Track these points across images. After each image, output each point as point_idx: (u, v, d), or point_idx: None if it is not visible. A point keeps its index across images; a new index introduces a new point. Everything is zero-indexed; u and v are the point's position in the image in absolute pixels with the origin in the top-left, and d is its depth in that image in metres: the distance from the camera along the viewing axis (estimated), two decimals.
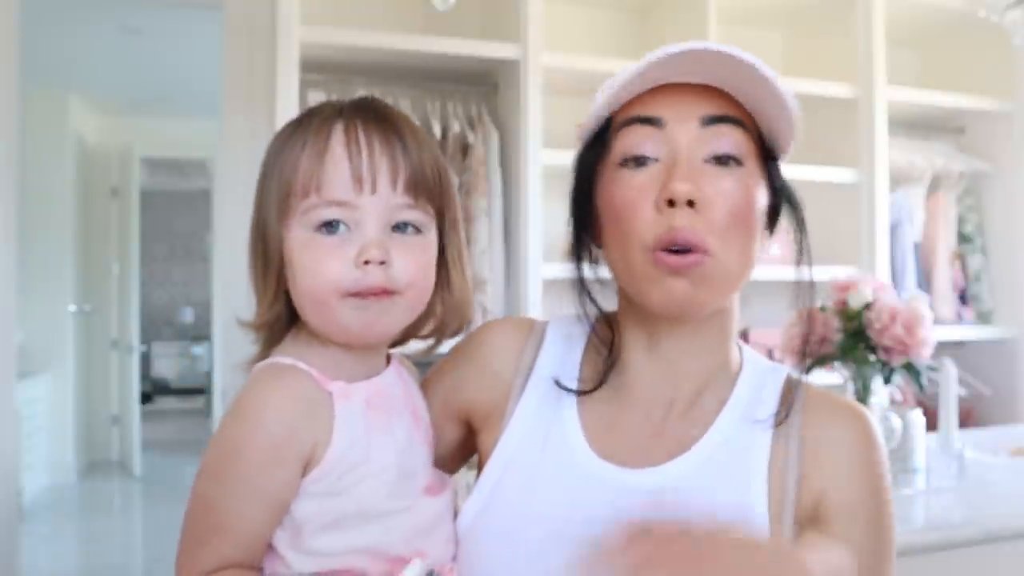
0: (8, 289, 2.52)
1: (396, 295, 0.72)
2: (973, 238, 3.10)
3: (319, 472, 0.70)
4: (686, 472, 0.76)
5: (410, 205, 0.73)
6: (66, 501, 5.14)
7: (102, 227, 5.82)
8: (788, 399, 0.79)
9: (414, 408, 0.80)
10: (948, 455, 1.96)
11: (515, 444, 0.81)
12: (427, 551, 0.75)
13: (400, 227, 0.73)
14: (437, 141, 2.48)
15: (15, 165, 2.54)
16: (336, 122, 0.73)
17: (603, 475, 0.77)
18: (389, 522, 0.73)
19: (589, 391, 0.81)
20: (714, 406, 0.80)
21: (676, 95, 0.74)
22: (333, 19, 2.42)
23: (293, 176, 0.72)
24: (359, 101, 0.76)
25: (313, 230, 0.71)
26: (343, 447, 0.71)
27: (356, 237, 0.71)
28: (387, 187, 0.71)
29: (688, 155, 0.73)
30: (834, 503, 0.76)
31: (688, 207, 0.71)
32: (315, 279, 0.71)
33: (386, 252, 0.71)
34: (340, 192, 0.71)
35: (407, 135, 0.74)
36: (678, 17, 2.66)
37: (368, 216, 0.71)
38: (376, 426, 0.74)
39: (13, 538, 2.60)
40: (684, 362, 0.79)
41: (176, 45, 4.45)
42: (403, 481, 0.75)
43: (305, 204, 0.71)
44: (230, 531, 0.69)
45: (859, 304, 1.86)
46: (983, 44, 3.01)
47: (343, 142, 0.71)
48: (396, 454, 0.75)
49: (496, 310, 2.44)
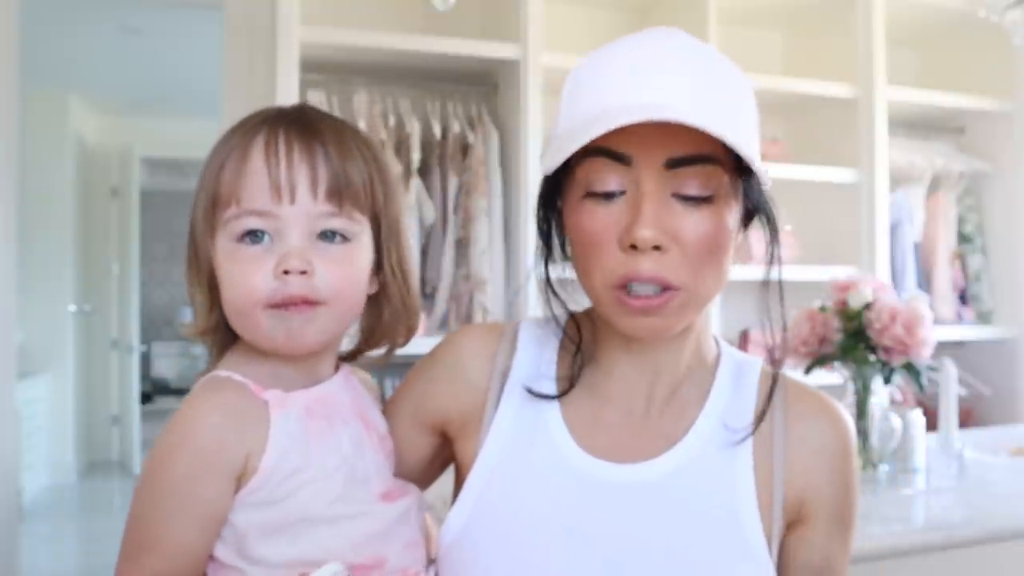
0: (8, 289, 2.52)
1: (320, 305, 0.71)
2: (973, 238, 3.10)
3: (257, 481, 0.69)
4: (676, 466, 0.77)
5: (333, 213, 0.71)
6: (66, 501, 5.13)
7: (102, 227, 5.81)
8: (770, 395, 0.79)
9: (364, 416, 0.79)
10: (948, 455, 1.96)
11: (498, 451, 0.79)
12: (386, 557, 0.74)
13: (326, 236, 0.72)
14: (437, 141, 2.48)
15: (15, 165, 2.54)
16: (259, 131, 0.72)
17: (594, 472, 0.77)
18: (338, 528, 0.72)
19: (565, 392, 0.80)
20: (695, 398, 0.80)
21: (645, 130, 0.70)
22: (333, 19, 2.42)
23: (217, 186, 0.71)
24: (289, 109, 0.75)
25: (236, 240, 0.71)
26: (278, 454, 0.70)
27: (278, 247, 0.70)
28: (307, 195, 0.70)
29: (654, 192, 0.70)
30: (815, 502, 0.78)
31: (654, 250, 0.70)
32: (237, 290, 0.71)
33: (307, 262, 0.70)
34: (259, 202, 0.70)
35: (330, 142, 0.72)
36: (678, 17, 2.66)
37: (289, 226, 0.70)
38: (317, 432, 0.73)
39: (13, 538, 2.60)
40: (661, 356, 0.79)
41: (176, 45, 4.45)
42: (352, 487, 0.74)
43: (227, 214, 0.71)
44: (159, 546, 0.69)
45: (859, 304, 1.86)
46: (983, 44, 3.01)
47: (263, 151, 0.71)
48: (340, 460, 0.73)
49: (496, 310, 2.44)
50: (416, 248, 2.44)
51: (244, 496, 0.70)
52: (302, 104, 0.77)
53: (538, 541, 0.75)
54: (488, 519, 0.77)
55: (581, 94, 0.74)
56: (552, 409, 0.80)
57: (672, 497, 0.76)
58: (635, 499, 0.76)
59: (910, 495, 1.76)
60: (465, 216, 2.46)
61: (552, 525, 0.75)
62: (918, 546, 1.52)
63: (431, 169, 2.50)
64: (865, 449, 1.87)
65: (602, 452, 0.78)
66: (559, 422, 0.79)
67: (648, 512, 0.75)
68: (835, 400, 0.84)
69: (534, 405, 0.80)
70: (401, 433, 0.84)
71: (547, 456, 0.78)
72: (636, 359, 0.79)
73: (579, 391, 0.81)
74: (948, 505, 1.72)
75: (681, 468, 0.77)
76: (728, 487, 0.76)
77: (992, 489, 1.83)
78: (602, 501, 0.76)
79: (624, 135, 0.70)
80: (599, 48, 0.77)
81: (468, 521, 0.78)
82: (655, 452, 0.78)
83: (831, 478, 0.79)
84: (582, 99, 0.73)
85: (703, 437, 0.78)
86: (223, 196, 0.71)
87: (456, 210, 2.48)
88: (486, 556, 0.76)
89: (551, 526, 0.75)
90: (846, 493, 0.80)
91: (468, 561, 0.77)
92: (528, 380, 0.81)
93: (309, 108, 0.76)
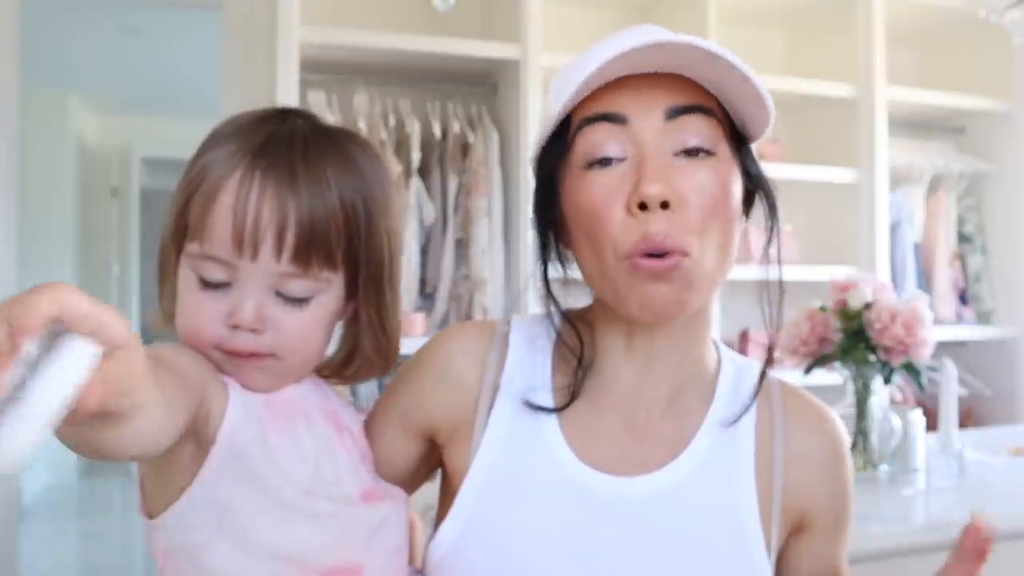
0: (8, 289, 2.52)
1: (270, 358, 0.69)
2: (973, 238, 3.10)
3: (216, 452, 0.66)
4: (679, 478, 0.75)
5: (296, 275, 0.67)
6: (66, 501, 5.14)
7: (102, 227, 5.81)
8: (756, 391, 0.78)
9: (335, 417, 0.76)
10: (948, 455, 1.96)
11: (492, 461, 0.75)
12: (362, 565, 0.71)
13: (284, 296, 0.68)
14: (437, 141, 2.48)
15: (15, 165, 2.54)
16: (237, 167, 0.67)
17: (594, 485, 0.74)
18: (315, 524, 0.69)
19: (566, 406, 0.76)
20: (697, 406, 0.78)
21: (637, 86, 0.69)
22: (333, 19, 2.42)
23: (185, 211, 0.68)
24: (280, 137, 0.69)
25: (196, 274, 0.68)
26: (232, 428, 0.66)
27: (234, 294, 0.67)
28: (269, 255, 0.66)
29: (656, 151, 0.68)
30: (816, 511, 0.78)
31: (662, 209, 0.67)
32: (188, 327, 0.69)
33: (260, 320, 0.67)
34: (220, 250, 0.66)
35: (310, 191, 0.67)
36: (678, 17, 2.66)
37: (248, 279, 0.67)
38: (275, 425, 0.70)
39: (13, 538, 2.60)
40: (662, 362, 0.76)
41: (176, 45, 4.45)
42: (321, 486, 0.70)
43: (189, 248, 0.68)
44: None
45: (859, 304, 1.86)
46: (983, 44, 3.01)
47: (233, 194, 0.66)
48: (301, 457, 0.70)
49: (496, 310, 2.44)
50: (416, 248, 2.45)
51: (216, 466, 0.66)
52: (298, 128, 0.71)
53: (537, 557, 0.72)
54: (484, 534, 0.74)
55: (566, 78, 0.72)
56: (549, 418, 0.76)
57: (676, 510, 0.74)
58: (638, 513, 0.73)
59: (910, 495, 1.76)
60: (465, 216, 2.47)
61: (552, 541, 0.73)
62: (918, 546, 1.51)
63: (431, 169, 2.50)
64: (865, 449, 1.87)
65: (602, 464, 0.75)
66: (556, 433, 0.76)
67: (651, 525, 0.73)
68: (829, 407, 0.83)
69: (529, 415, 0.77)
70: (388, 439, 0.81)
71: (545, 469, 0.75)
72: (638, 364, 0.76)
73: (577, 399, 0.77)
74: (948, 505, 1.72)
75: (684, 480, 0.75)
76: (730, 497, 0.75)
77: (992, 489, 1.83)
78: (604, 516, 0.73)
79: (617, 93, 0.69)
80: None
81: (462, 535, 0.74)
82: (657, 463, 0.75)
83: (829, 488, 0.79)
84: (568, 77, 0.71)
85: (705, 446, 0.76)
86: (189, 227, 0.68)
87: (456, 210, 2.48)
88: (481, 572, 0.73)
89: (551, 542, 0.73)
90: (843, 500, 0.80)
91: (465, 574, 0.74)
92: (524, 389, 0.77)
93: (305, 135, 0.70)
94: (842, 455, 0.80)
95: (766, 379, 0.80)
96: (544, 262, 0.78)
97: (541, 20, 2.43)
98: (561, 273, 0.78)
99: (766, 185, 0.76)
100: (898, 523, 1.59)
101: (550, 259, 0.78)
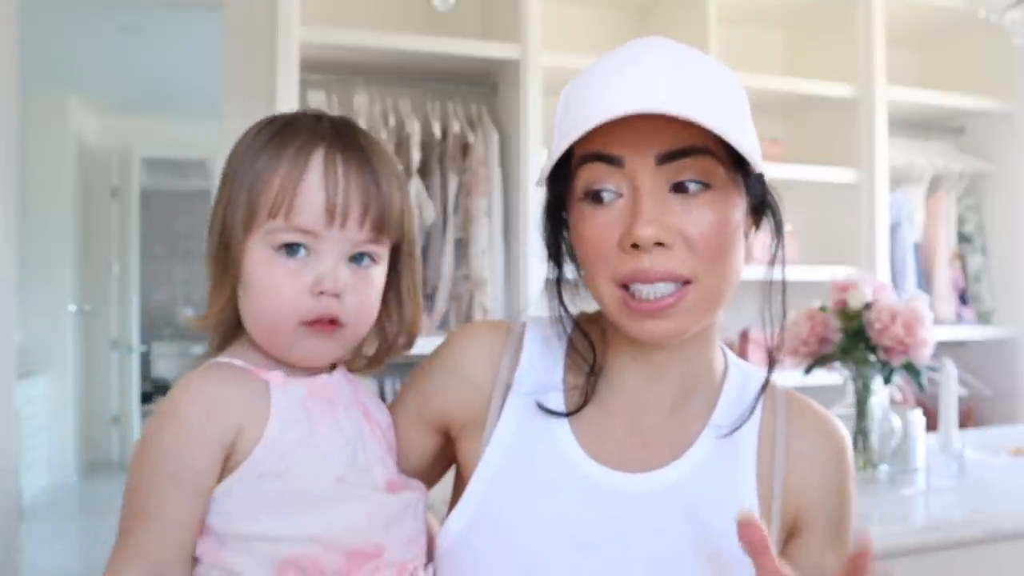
0: (8, 289, 2.52)
1: (343, 326, 0.74)
2: (973, 238, 3.10)
3: (261, 451, 0.71)
4: (683, 476, 0.77)
5: (372, 240, 0.75)
6: (66, 501, 5.13)
7: (102, 227, 5.81)
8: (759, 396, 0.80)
9: (365, 407, 0.81)
10: (948, 455, 1.96)
11: (501, 455, 0.79)
12: (384, 547, 0.74)
13: (356, 257, 0.75)
14: (437, 141, 2.48)
15: (15, 165, 2.54)
16: (316, 148, 0.73)
17: (601, 480, 0.77)
18: (340, 508, 0.72)
19: (578, 409, 0.79)
20: (702, 410, 0.80)
21: (636, 127, 0.69)
22: (333, 19, 2.42)
23: (264, 194, 0.72)
24: (339, 127, 0.76)
25: (274, 249, 0.73)
26: (280, 425, 0.72)
27: (314, 264, 0.73)
28: (355, 224, 0.73)
29: (650, 191, 0.70)
30: (812, 515, 0.79)
31: (658, 247, 0.70)
32: (271, 302, 0.73)
33: (344, 284, 0.73)
34: (309, 222, 0.72)
35: (381, 171, 0.75)
36: (678, 17, 2.66)
37: (330, 247, 0.73)
38: (319, 411, 0.75)
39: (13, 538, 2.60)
40: (670, 366, 0.79)
41: (176, 45, 4.45)
42: (354, 472, 0.74)
43: (271, 225, 0.72)
44: (149, 517, 0.70)
45: (859, 304, 1.86)
46: (983, 44, 3.01)
47: (321, 172, 0.72)
48: (344, 441, 0.75)
49: (496, 310, 2.44)
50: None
51: (248, 468, 0.71)
52: (346, 121, 0.78)
53: (541, 547, 0.75)
54: (491, 524, 0.77)
55: (571, 106, 0.74)
56: (559, 418, 0.79)
57: (678, 506, 0.76)
58: (642, 508, 0.76)
59: (910, 495, 1.76)
60: (465, 216, 2.47)
61: (557, 532, 0.75)
62: (918, 546, 1.52)
63: (431, 169, 2.50)
64: (865, 449, 1.87)
65: (609, 461, 0.77)
66: (566, 429, 0.79)
67: (654, 521, 0.75)
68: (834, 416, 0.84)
69: (540, 413, 0.80)
70: (405, 433, 0.84)
71: (553, 462, 0.78)
72: (646, 368, 0.79)
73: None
74: (948, 505, 1.72)
75: (687, 478, 0.77)
76: (732, 497, 0.77)
77: (992, 489, 1.83)
78: (609, 509, 0.76)
79: (614, 137, 0.70)
80: (592, 63, 0.77)
81: (469, 524, 0.77)
82: (661, 462, 0.78)
83: (826, 491, 0.80)
84: (571, 110, 0.73)
85: (708, 448, 0.78)
86: (270, 206, 0.72)
87: (456, 210, 2.48)
88: (486, 561, 0.76)
89: (555, 533, 0.75)
90: (841, 506, 0.81)
91: (467, 565, 0.76)
92: (536, 388, 0.81)
93: (356, 128, 0.78)
94: (843, 461, 0.81)
95: (774, 388, 0.82)
96: (558, 266, 0.81)
97: (541, 20, 2.43)
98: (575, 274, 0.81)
99: (773, 204, 0.78)
100: (898, 523, 1.59)
101: (560, 265, 0.81)
